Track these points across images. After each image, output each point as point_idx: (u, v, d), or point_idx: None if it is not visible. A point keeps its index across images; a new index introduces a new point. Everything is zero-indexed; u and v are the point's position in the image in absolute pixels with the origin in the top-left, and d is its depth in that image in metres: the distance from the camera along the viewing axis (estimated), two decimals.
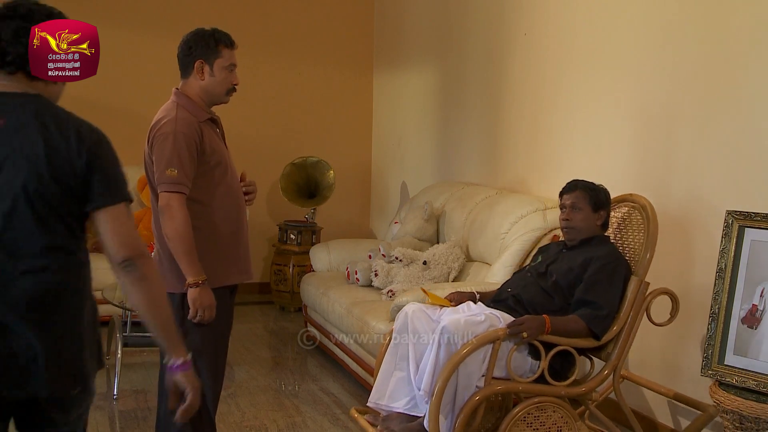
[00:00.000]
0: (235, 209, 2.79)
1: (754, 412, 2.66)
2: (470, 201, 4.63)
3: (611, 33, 3.89)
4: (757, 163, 3.08)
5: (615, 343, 3.00)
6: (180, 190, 2.59)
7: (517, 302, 3.08)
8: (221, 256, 2.72)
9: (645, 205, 3.11)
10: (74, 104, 2.18)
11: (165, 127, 2.63)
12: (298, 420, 3.76)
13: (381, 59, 6.72)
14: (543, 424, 2.91)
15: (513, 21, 4.71)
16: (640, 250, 3.09)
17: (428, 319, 3.04)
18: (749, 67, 3.12)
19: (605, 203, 3.16)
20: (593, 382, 2.99)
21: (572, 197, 3.17)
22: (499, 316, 2.95)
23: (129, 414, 3.78)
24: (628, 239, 3.21)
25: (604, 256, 3.03)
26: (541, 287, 3.09)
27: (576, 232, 3.16)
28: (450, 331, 2.81)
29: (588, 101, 4.05)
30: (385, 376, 3.05)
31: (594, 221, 3.14)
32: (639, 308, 2.99)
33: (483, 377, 2.84)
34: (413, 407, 2.96)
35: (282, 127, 6.56)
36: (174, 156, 2.58)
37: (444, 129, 5.62)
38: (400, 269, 4.46)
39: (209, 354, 2.76)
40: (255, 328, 5.50)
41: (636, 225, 3.18)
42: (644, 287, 3.01)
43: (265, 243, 6.40)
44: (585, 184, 3.18)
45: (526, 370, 2.95)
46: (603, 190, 3.18)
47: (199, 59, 2.71)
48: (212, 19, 6.59)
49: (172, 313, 1.96)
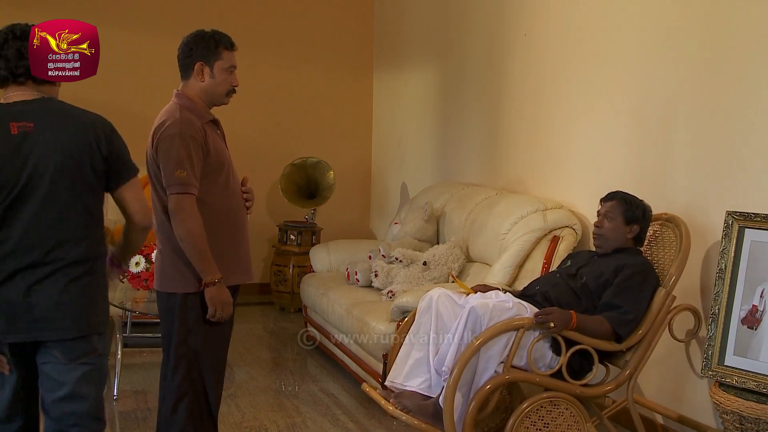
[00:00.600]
0: (236, 210, 2.80)
1: (755, 412, 2.66)
2: (470, 201, 4.62)
3: (611, 33, 3.89)
4: (757, 164, 3.08)
5: (634, 351, 3.02)
6: (190, 191, 2.60)
7: (544, 299, 3.11)
8: (223, 257, 2.72)
9: (680, 224, 3.17)
10: (74, 104, 2.19)
11: (170, 129, 2.63)
12: (298, 420, 3.76)
13: (381, 59, 6.72)
14: (554, 420, 2.92)
15: (513, 21, 4.71)
16: (668, 265, 3.14)
17: (454, 304, 3.06)
18: (749, 67, 3.12)
19: (640, 218, 3.17)
20: (610, 384, 3.01)
21: (607, 206, 3.21)
22: (527, 306, 2.98)
23: (129, 414, 3.78)
24: (658, 254, 3.25)
25: (636, 265, 3.07)
26: (569, 287, 3.12)
27: (604, 240, 3.19)
28: (478, 313, 2.85)
29: (588, 101, 4.05)
30: (404, 356, 3.08)
31: (624, 233, 3.16)
32: (663, 320, 3.03)
33: (502, 364, 2.86)
34: (428, 388, 2.98)
35: (282, 128, 6.56)
36: (182, 157, 2.59)
37: (444, 129, 5.61)
38: (400, 270, 4.46)
39: (211, 354, 2.77)
40: (255, 328, 5.50)
41: (666, 241, 3.23)
42: (671, 300, 3.04)
43: (265, 244, 6.39)
44: (624, 196, 3.22)
45: (545, 363, 2.97)
46: (642, 206, 3.20)
47: (199, 61, 2.71)
48: (212, 20, 6.56)
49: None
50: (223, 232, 2.73)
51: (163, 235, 2.71)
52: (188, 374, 2.73)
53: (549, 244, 3.91)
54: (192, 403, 2.75)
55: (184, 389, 2.74)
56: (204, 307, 2.69)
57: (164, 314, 2.77)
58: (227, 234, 2.75)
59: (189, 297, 2.70)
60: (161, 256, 2.75)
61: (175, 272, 2.70)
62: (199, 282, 2.67)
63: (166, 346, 2.77)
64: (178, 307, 2.71)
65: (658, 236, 3.30)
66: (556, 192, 4.27)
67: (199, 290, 2.69)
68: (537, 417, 2.91)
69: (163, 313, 2.77)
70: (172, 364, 2.74)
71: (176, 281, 2.70)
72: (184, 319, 2.71)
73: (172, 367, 2.74)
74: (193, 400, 2.75)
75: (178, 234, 2.61)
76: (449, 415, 2.78)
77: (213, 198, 2.70)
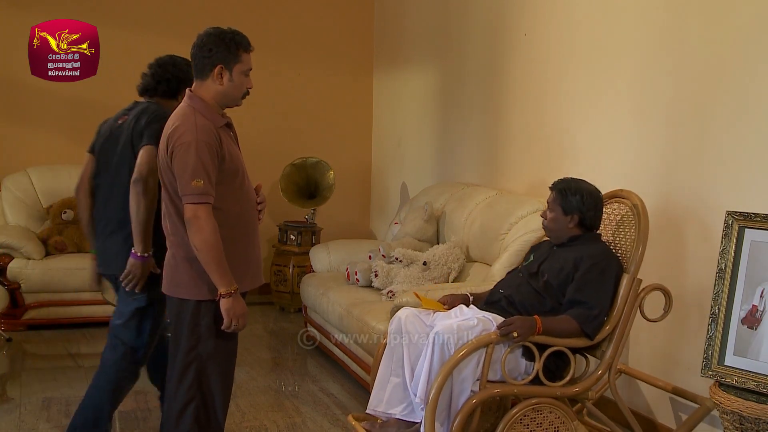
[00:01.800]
0: (249, 215, 2.77)
1: (754, 412, 2.65)
2: (470, 202, 4.63)
3: (612, 33, 3.89)
4: (757, 164, 3.08)
5: (609, 341, 3.01)
6: (207, 200, 2.56)
7: (509, 303, 3.08)
8: (237, 262, 2.69)
9: (636, 203, 3.10)
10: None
11: (185, 136, 2.56)
12: (297, 421, 3.76)
13: (381, 60, 6.72)
14: (540, 425, 2.91)
15: (513, 22, 4.71)
16: (632, 247, 3.09)
17: (422, 323, 3.05)
18: (750, 66, 3.12)
19: (578, 206, 3.11)
20: (588, 381, 3.00)
21: (549, 197, 3.20)
22: (492, 319, 2.95)
23: (129, 414, 3.78)
24: (621, 236, 3.20)
25: (594, 255, 3.02)
26: (532, 288, 3.09)
27: (550, 231, 3.19)
28: (443, 337, 2.81)
29: (588, 102, 4.05)
30: (382, 382, 3.06)
31: (565, 223, 3.13)
32: (632, 305, 3.00)
33: (478, 381, 2.84)
34: (410, 413, 2.97)
35: (282, 128, 6.56)
36: (198, 166, 2.54)
37: (444, 130, 5.61)
38: (400, 270, 4.45)
39: (220, 360, 2.74)
40: (255, 328, 5.50)
41: (628, 222, 3.17)
42: (637, 284, 3.01)
43: (265, 244, 6.39)
44: (562, 185, 3.16)
45: (521, 371, 2.95)
46: (581, 191, 3.11)
47: (219, 64, 2.63)
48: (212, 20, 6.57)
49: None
50: (237, 239, 2.69)
51: (177, 240, 2.67)
52: (196, 380, 2.71)
53: None
54: (198, 410, 2.73)
55: (192, 395, 2.72)
56: (216, 316, 2.66)
57: (174, 319, 2.74)
58: (240, 240, 2.72)
59: (202, 304, 2.67)
60: (174, 260, 2.71)
61: (188, 279, 2.66)
62: (212, 290, 2.63)
63: (173, 350, 2.74)
64: (189, 314, 2.68)
65: (618, 216, 3.23)
66: None
67: (212, 299, 2.65)
68: (522, 426, 2.89)
69: (174, 317, 2.75)
70: (180, 368, 2.72)
71: (189, 288, 2.67)
72: (195, 326, 2.68)
73: (180, 372, 2.71)
74: (199, 406, 2.73)
75: (194, 243, 2.56)
76: None
77: (228, 204, 2.66)
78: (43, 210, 5.60)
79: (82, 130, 6.10)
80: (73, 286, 5.18)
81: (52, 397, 3.97)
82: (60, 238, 5.40)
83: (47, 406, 3.85)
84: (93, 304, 5.17)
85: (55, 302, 5.22)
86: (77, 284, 5.16)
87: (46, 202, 5.61)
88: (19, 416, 3.70)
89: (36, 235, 5.43)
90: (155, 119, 2.97)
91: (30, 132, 5.88)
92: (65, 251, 5.39)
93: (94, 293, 4.98)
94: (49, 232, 5.44)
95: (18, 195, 5.58)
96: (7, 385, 4.25)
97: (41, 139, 5.90)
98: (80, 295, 5.22)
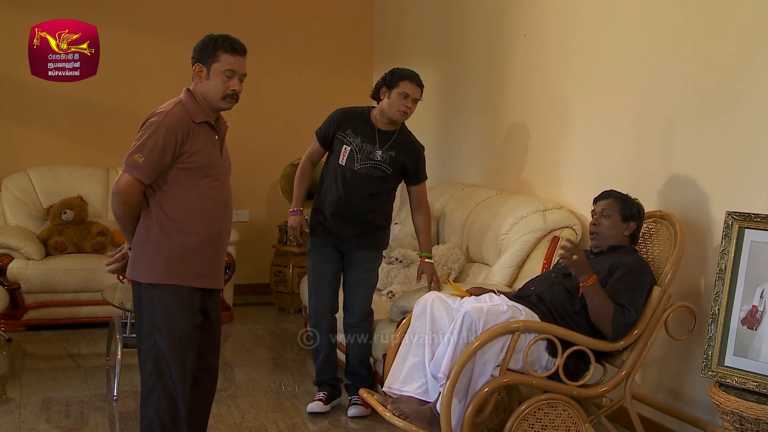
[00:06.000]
0: (214, 215, 2.80)
1: (755, 413, 2.65)
2: (470, 202, 4.62)
3: (611, 34, 3.89)
4: (757, 164, 3.08)
5: (631, 349, 3.03)
6: (136, 176, 2.64)
7: (539, 300, 3.10)
8: (191, 256, 2.74)
9: (674, 221, 3.18)
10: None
11: (155, 116, 2.70)
12: (298, 421, 3.76)
13: (381, 60, 6.71)
14: (552, 422, 2.92)
15: (513, 22, 4.71)
16: (663, 263, 3.14)
17: (448, 307, 3.05)
18: (749, 67, 3.12)
19: (635, 216, 3.19)
20: (607, 384, 3.01)
21: (603, 204, 3.22)
22: (522, 309, 2.97)
23: (129, 415, 3.78)
24: (653, 252, 3.25)
25: (630, 263, 3.07)
26: (565, 287, 3.11)
27: (601, 238, 3.20)
28: (472, 318, 2.84)
29: (588, 102, 4.05)
30: (400, 361, 3.08)
31: (621, 230, 3.18)
32: (659, 318, 3.03)
33: (499, 367, 2.86)
34: (424, 392, 2.98)
35: (282, 128, 6.56)
36: (147, 144, 2.64)
37: (444, 130, 5.61)
38: (399, 270, 4.46)
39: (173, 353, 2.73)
40: (255, 329, 5.50)
41: (662, 238, 3.23)
42: (666, 298, 3.04)
43: (265, 244, 6.39)
44: (619, 194, 3.23)
45: (541, 365, 2.97)
46: (636, 203, 3.22)
47: (197, 62, 2.77)
48: (211, 20, 6.57)
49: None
50: (195, 231, 2.74)
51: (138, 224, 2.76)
52: (155, 370, 2.73)
53: (549, 244, 3.91)
54: (160, 401, 2.73)
55: (152, 384, 2.74)
56: (172, 305, 2.70)
57: (134, 302, 2.82)
58: (201, 235, 2.75)
59: (154, 288, 2.71)
60: (134, 244, 2.78)
61: (140, 262, 2.73)
62: (165, 274, 2.70)
63: (137, 336, 2.80)
64: (143, 297, 2.74)
65: (653, 234, 3.30)
66: (556, 192, 4.27)
67: (165, 283, 2.70)
68: (535, 419, 2.90)
69: (134, 301, 2.82)
70: (142, 356, 2.77)
71: (140, 270, 2.73)
72: (150, 311, 2.73)
73: (142, 359, 2.77)
74: (161, 398, 2.73)
75: (114, 209, 2.70)
76: (447, 420, 2.77)
77: (189, 195, 2.72)
78: (42, 210, 5.60)
79: (82, 130, 6.13)
80: (73, 286, 5.18)
81: (52, 397, 3.97)
82: (60, 238, 5.39)
83: (47, 406, 3.85)
84: (93, 304, 5.17)
85: (54, 303, 5.22)
86: (77, 284, 5.16)
87: (46, 203, 5.61)
88: (19, 416, 3.70)
89: (36, 235, 5.43)
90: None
91: (30, 132, 5.87)
92: (65, 251, 5.38)
93: (94, 293, 5.02)
94: (48, 233, 5.44)
95: (18, 195, 5.58)
96: (7, 386, 4.26)
97: (41, 139, 5.89)
98: (80, 296, 5.22)
